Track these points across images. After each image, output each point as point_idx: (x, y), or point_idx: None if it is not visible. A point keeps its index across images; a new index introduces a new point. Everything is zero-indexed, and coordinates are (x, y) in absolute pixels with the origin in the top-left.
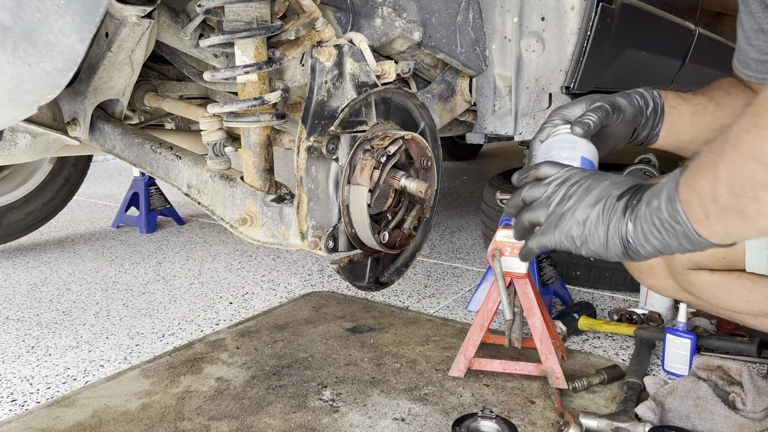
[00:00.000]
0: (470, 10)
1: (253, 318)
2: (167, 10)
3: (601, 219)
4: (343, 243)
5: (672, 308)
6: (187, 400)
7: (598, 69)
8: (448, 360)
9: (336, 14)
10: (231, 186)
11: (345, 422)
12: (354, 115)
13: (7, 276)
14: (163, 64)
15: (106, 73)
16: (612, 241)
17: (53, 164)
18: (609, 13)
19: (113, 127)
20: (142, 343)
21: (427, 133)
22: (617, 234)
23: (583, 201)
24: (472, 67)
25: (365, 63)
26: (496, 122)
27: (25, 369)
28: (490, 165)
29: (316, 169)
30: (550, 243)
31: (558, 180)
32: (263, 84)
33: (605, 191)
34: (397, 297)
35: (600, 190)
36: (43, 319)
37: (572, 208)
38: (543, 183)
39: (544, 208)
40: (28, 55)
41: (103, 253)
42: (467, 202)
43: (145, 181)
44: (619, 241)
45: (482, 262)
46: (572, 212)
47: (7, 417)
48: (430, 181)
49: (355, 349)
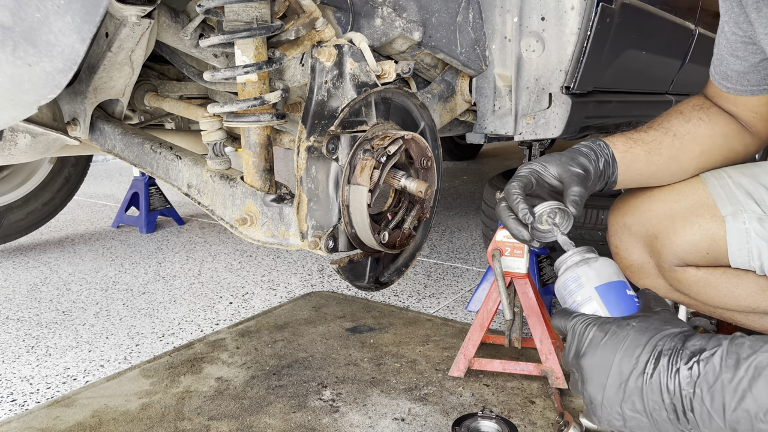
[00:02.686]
0: (470, 10)
1: (253, 318)
2: (167, 10)
3: (638, 406)
4: (343, 243)
5: (672, 308)
6: (187, 400)
7: (598, 69)
8: (448, 360)
9: (336, 14)
10: (231, 186)
11: (345, 422)
12: (354, 115)
13: (7, 276)
14: (163, 64)
15: (106, 73)
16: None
17: (53, 164)
18: (609, 13)
19: (113, 127)
20: (142, 343)
21: (427, 133)
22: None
23: (604, 385)
24: (472, 67)
25: (365, 63)
26: (496, 122)
27: (25, 369)
28: (490, 165)
29: (316, 169)
30: (599, 426)
31: (572, 351)
32: (263, 84)
33: (623, 367)
34: (397, 297)
35: (617, 366)
36: (43, 319)
37: (597, 395)
38: (564, 352)
39: (577, 385)
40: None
41: (103, 253)
42: (467, 202)
43: (145, 181)
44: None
45: (482, 262)
46: (600, 402)
47: (7, 417)
48: (430, 181)
49: (355, 349)
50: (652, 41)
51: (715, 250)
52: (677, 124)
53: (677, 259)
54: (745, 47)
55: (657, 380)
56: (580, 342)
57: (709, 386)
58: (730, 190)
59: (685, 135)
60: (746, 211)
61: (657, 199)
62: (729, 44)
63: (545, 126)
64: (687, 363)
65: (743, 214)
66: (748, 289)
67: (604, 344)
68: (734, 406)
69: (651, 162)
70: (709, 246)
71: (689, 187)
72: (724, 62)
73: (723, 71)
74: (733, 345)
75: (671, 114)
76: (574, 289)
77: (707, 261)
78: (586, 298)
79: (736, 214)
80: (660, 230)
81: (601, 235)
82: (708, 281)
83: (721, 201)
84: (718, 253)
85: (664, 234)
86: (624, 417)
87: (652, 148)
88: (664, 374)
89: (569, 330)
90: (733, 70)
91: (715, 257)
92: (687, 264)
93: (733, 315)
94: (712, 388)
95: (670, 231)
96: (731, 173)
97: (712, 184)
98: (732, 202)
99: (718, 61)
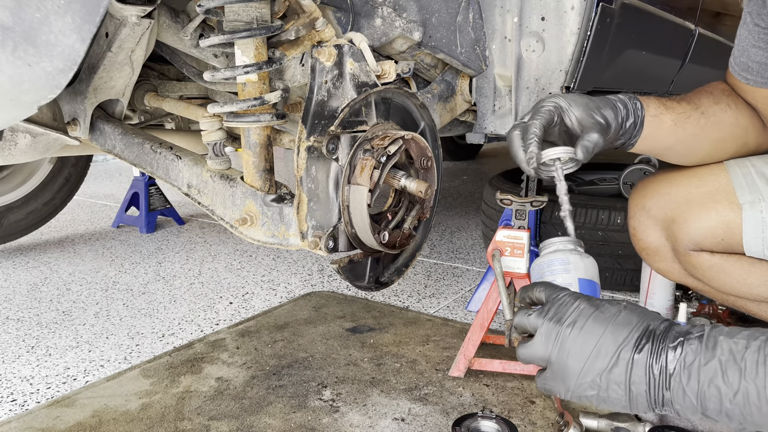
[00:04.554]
0: (470, 10)
1: (253, 318)
2: (167, 10)
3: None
4: (343, 243)
5: (672, 308)
6: (187, 400)
7: (598, 69)
8: (448, 360)
9: (336, 14)
10: (231, 186)
11: (345, 422)
12: (354, 115)
13: (7, 276)
14: (163, 64)
15: (106, 73)
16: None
17: (53, 164)
18: (609, 13)
19: (113, 127)
20: (142, 343)
21: (427, 133)
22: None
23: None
24: (472, 67)
25: (365, 63)
26: (496, 122)
27: (25, 369)
28: (490, 165)
29: (316, 169)
30: (562, 396)
31: (549, 315)
32: (263, 84)
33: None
34: (397, 297)
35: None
36: (43, 319)
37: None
38: (536, 314)
39: (542, 349)
40: (28, 55)
41: (103, 253)
42: (467, 202)
43: (145, 181)
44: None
45: (482, 262)
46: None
47: (7, 417)
48: (430, 181)
49: (355, 349)
50: (652, 41)
51: (730, 237)
52: (707, 104)
53: (692, 244)
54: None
55: (645, 355)
56: (565, 310)
57: (687, 365)
58: (752, 179)
59: (711, 116)
60: (765, 200)
61: (677, 184)
62: (751, 35)
63: None
64: (673, 343)
65: (761, 203)
66: (761, 277)
67: (595, 317)
68: (707, 386)
69: (674, 133)
70: (725, 232)
71: (710, 173)
72: (745, 53)
73: (744, 62)
74: (714, 330)
75: (702, 92)
76: (558, 271)
77: (722, 247)
78: (567, 283)
79: (754, 203)
80: (678, 214)
81: (600, 235)
82: (722, 267)
83: (741, 189)
84: (733, 240)
85: (681, 218)
86: (599, 386)
87: (680, 119)
88: (652, 351)
89: (554, 298)
90: (754, 61)
91: (729, 244)
92: (702, 249)
93: (746, 303)
94: (689, 367)
95: (687, 215)
96: (755, 162)
97: (735, 171)
98: (752, 191)
99: (739, 53)
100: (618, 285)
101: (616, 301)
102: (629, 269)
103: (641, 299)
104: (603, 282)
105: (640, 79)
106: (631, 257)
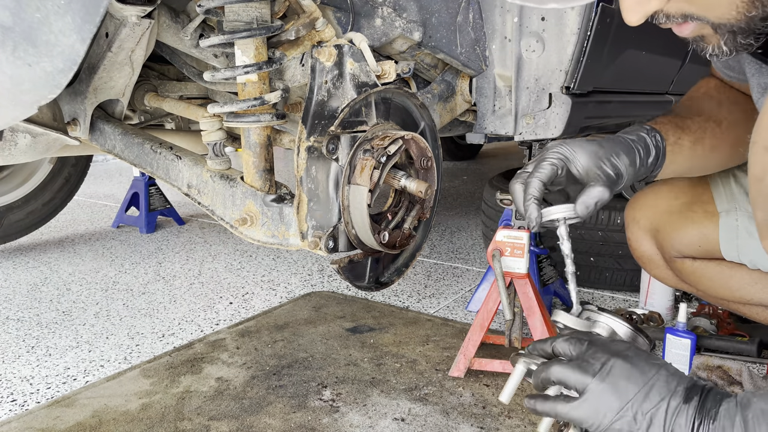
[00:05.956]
0: (470, 10)
1: (253, 318)
2: (167, 10)
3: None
4: (343, 243)
5: (672, 308)
6: (187, 400)
7: (598, 69)
8: (448, 360)
9: (336, 14)
10: (231, 186)
11: (345, 422)
12: (354, 115)
13: (7, 276)
14: (163, 64)
15: (106, 73)
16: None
17: (53, 164)
18: (609, 13)
19: (113, 127)
20: (142, 343)
21: (427, 133)
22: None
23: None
24: (472, 67)
25: (365, 63)
26: (496, 122)
27: (25, 369)
28: (490, 165)
29: (316, 169)
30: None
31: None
32: (263, 84)
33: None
34: (397, 297)
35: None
36: (43, 319)
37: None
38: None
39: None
40: (28, 55)
41: (103, 253)
42: (467, 202)
43: (145, 181)
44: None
45: (482, 262)
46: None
47: (7, 417)
48: (430, 181)
49: (355, 349)
50: (652, 41)
51: (706, 244)
52: (715, 110)
53: (675, 251)
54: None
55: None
56: (605, 357)
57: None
58: (730, 189)
59: (723, 121)
60: (740, 209)
61: (661, 196)
62: None
63: (545, 126)
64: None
65: (737, 212)
66: (740, 280)
67: (631, 374)
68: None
69: (693, 153)
70: (700, 240)
71: (691, 185)
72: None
73: (725, 60)
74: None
75: (702, 99)
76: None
77: (702, 253)
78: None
79: (730, 211)
80: (661, 224)
81: (600, 235)
82: (703, 272)
83: (720, 198)
84: (710, 246)
85: (664, 228)
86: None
87: (698, 138)
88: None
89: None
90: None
91: (707, 250)
92: (685, 256)
93: (737, 306)
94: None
95: (668, 225)
96: (737, 173)
97: (715, 182)
98: (729, 200)
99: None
100: (618, 285)
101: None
102: (629, 269)
103: (641, 299)
104: (603, 282)
105: (640, 79)
106: (631, 257)
